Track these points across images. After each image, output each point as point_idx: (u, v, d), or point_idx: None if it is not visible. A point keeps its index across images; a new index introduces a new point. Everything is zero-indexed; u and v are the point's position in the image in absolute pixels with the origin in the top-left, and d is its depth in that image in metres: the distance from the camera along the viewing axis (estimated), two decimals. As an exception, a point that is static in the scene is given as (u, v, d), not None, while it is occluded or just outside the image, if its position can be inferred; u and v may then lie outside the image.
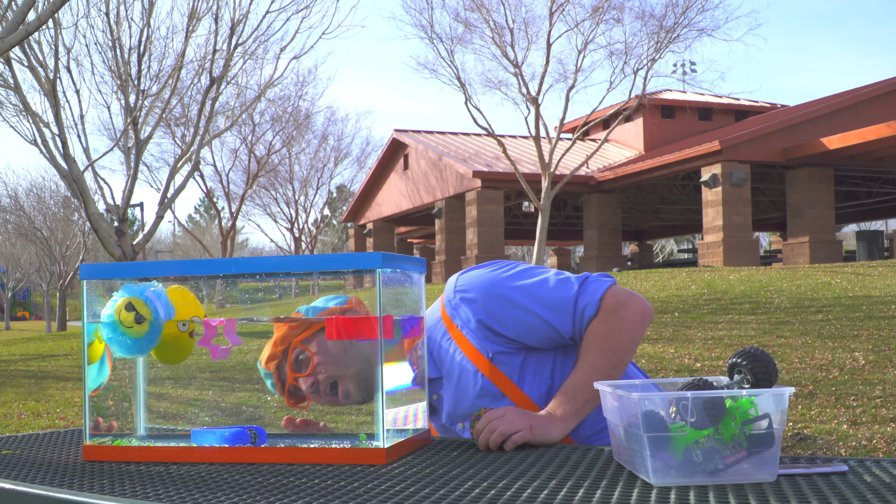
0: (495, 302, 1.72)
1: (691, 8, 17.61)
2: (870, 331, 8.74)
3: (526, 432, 1.55)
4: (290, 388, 1.69)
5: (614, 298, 1.68)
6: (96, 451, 1.52)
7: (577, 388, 1.65)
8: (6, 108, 12.46)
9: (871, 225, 39.73)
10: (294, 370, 1.68)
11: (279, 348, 1.68)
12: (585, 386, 1.64)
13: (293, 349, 1.68)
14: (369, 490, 1.19)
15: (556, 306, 1.69)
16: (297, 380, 1.68)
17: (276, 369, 1.68)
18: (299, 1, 14.00)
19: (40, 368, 12.09)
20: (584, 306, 1.68)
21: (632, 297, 1.69)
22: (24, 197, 33.90)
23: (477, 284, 1.75)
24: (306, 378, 1.67)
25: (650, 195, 26.36)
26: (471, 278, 1.77)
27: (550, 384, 1.73)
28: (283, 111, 28.94)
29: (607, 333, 1.66)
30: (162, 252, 49.98)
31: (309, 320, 1.70)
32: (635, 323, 1.67)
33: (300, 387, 1.68)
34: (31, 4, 7.70)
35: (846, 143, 17.53)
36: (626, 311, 1.67)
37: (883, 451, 4.99)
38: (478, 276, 1.77)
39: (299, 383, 1.68)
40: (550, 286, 1.72)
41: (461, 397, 1.77)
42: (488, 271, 1.78)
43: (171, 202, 13.63)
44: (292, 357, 1.68)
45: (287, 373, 1.68)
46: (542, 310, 1.70)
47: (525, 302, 1.70)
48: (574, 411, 1.64)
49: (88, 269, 1.55)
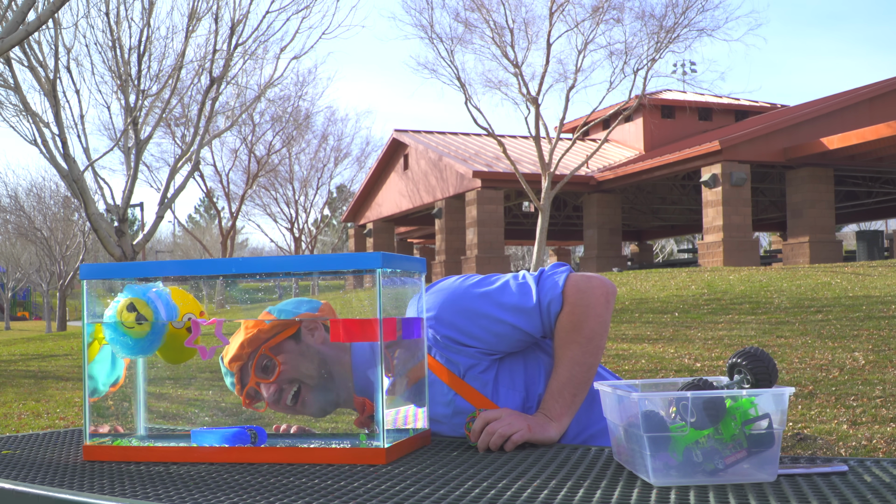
0: (460, 316, 1.70)
1: (691, 8, 17.62)
2: (870, 331, 8.74)
3: (525, 432, 1.55)
4: (250, 391, 1.68)
5: (575, 287, 1.68)
6: (96, 451, 1.52)
7: (562, 386, 1.65)
8: (6, 108, 12.47)
9: (871, 225, 39.72)
10: (258, 375, 1.66)
11: (245, 350, 1.66)
12: (570, 381, 1.65)
13: (259, 355, 1.66)
14: (369, 490, 1.19)
15: (521, 309, 1.69)
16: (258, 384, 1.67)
17: (238, 370, 1.67)
18: (299, 1, 14.00)
19: (40, 368, 12.09)
20: (548, 303, 1.68)
21: (591, 281, 1.70)
22: (24, 197, 33.91)
23: (438, 302, 1.72)
24: (268, 385, 1.66)
25: (650, 195, 26.36)
26: (431, 298, 1.74)
27: (525, 395, 1.73)
28: (283, 111, 28.94)
29: (577, 324, 1.66)
30: (162, 252, 49.97)
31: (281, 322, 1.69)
32: (601, 306, 1.68)
33: (260, 391, 1.67)
34: (31, 4, 7.70)
35: (846, 143, 17.53)
36: (589, 296, 1.68)
37: (883, 451, 4.99)
38: (437, 294, 1.74)
39: (260, 388, 1.67)
40: (512, 290, 1.71)
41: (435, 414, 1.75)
42: (446, 286, 1.76)
43: (171, 202, 13.63)
44: (258, 362, 1.66)
45: (250, 376, 1.66)
46: (508, 315, 1.69)
47: (490, 310, 1.69)
48: (565, 408, 1.65)
49: (88, 269, 1.55)
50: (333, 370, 1.71)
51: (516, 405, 1.71)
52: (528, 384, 1.74)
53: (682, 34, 17.72)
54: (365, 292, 1.55)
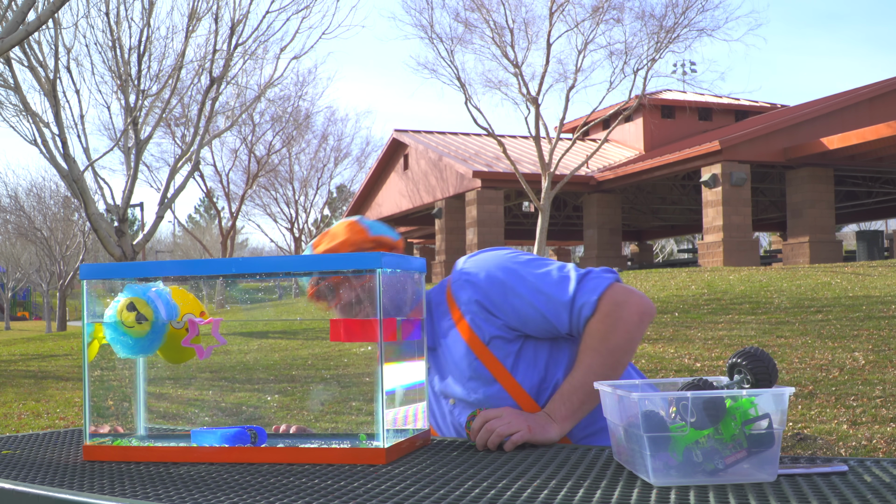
0: (496, 287, 1.73)
1: (691, 8, 17.62)
2: (870, 331, 8.74)
3: (525, 433, 1.55)
4: (329, 286, 1.74)
5: (612, 298, 1.66)
6: (96, 451, 1.52)
7: (573, 390, 1.65)
8: (6, 108, 12.47)
9: (871, 225, 39.73)
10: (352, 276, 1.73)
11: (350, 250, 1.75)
12: (582, 388, 1.64)
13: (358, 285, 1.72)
14: (369, 490, 1.19)
15: (553, 300, 1.69)
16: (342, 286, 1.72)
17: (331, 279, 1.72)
18: (299, 1, 14.01)
19: (40, 368, 12.09)
20: (581, 305, 1.67)
21: (631, 296, 1.68)
22: (24, 197, 33.91)
23: (481, 268, 1.76)
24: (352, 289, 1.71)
25: (650, 195, 26.36)
26: (476, 261, 1.79)
27: (543, 376, 1.73)
28: (283, 111, 28.94)
29: (604, 334, 1.65)
30: (162, 252, 49.96)
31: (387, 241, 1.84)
32: (633, 323, 1.66)
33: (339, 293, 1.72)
34: (31, 4, 7.70)
35: (846, 143, 17.53)
36: (624, 310, 1.66)
37: (883, 451, 4.99)
38: (483, 260, 1.78)
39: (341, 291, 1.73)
40: (552, 280, 1.71)
41: (454, 377, 1.78)
42: (494, 256, 1.79)
43: (171, 202, 13.63)
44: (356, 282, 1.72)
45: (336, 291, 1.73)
46: (540, 303, 1.70)
47: (524, 292, 1.71)
48: (570, 413, 1.64)
49: (88, 269, 1.55)
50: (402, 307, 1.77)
51: (533, 383, 1.72)
52: (548, 365, 1.74)
53: (682, 34, 17.72)
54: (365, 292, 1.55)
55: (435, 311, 1.84)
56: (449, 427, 1.85)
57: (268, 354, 10.54)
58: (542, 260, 1.78)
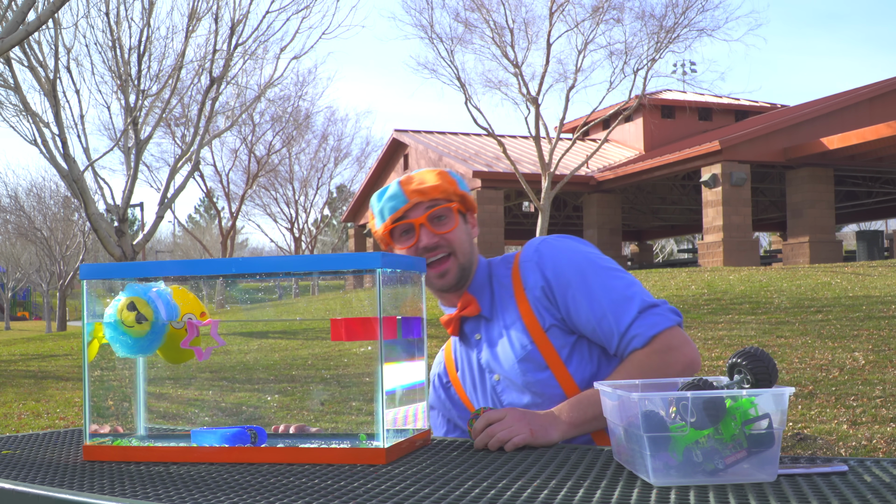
0: (562, 282, 1.75)
1: (691, 8, 17.63)
2: (870, 331, 8.74)
3: (526, 436, 1.55)
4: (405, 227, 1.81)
5: (667, 340, 1.66)
6: (96, 451, 1.52)
7: (589, 403, 1.65)
8: (6, 108, 12.47)
9: (871, 225, 39.72)
10: (431, 221, 1.81)
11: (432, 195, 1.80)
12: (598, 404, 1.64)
13: (443, 207, 1.81)
14: (369, 490, 1.19)
15: (609, 321, 1.70)
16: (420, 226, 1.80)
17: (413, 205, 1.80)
18: (299, 1, 14.01)
19: (40, 368, 12.09)
20: (633, 336, 1.68)
21: (685, 345, 1.68)
22: (24, 197, 33.92)
23: (554, 257, 1.78)
24: (430, 234, 1.80)
25: (650, 195, 26.36)
26: (552, 249, 1.80)
27: (595, 371, 1.75)
28: (283, 111, 28.95)
29: (646, 370, 1.65)
30: (162, 252, 49.97)
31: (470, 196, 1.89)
32: (677, 372, 1.65)
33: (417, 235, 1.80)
34: (31, 4, 7.70)
35: (846, 143, 17.53)
36: (673, 356, 1.66)
37: (883, 451, 4.99)
38: (558, 250, 1.79)
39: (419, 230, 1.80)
40: (616, 296, 1.71)
41: (504, 354, 1.80)
42: (570, 250, 1.80)
43: (171, 202, 13.63)
44: (438, 210, 1.81)
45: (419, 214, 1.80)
46: (595, 315, 1.71)
47: (584, 298, 1.72)
48: (580, 421, 1.64)
49: (88, 269, 1.55)
50: (473, 261, 1.86)
51: (584, 377, 1.74)
52: (601, 362, 1.76)
53: (682, 34, 17.73)
54: (365, 292, 1.55)
55: (496, 282, 1.86)
56: (488, 400, 1.86)
57: (268, 354, 10.53)
58: (614, 269, 1.77)
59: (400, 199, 1.81)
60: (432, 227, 1.81)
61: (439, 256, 1.81)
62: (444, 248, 1.81)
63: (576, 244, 1.82)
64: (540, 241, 1.83)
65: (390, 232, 1.84)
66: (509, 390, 1.80)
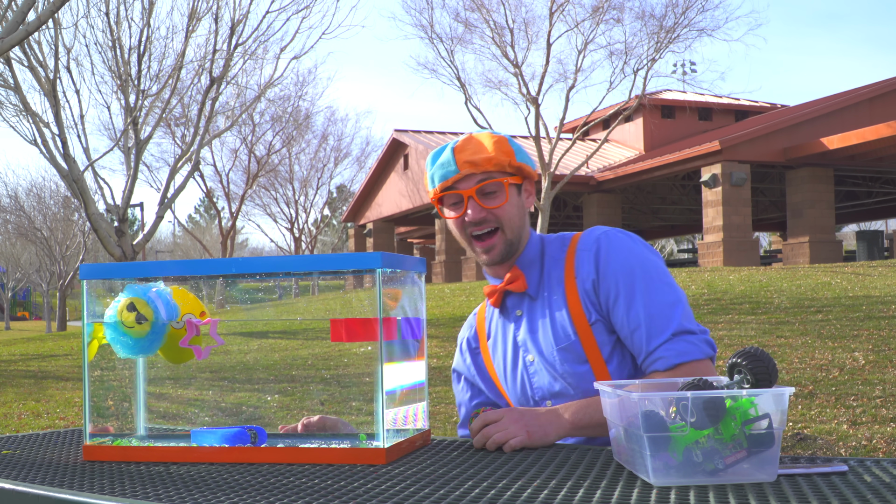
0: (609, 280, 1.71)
1: (691, 8, 17.63)
2: (870, 331, 8.74)
3: (523, 438, 1.54)
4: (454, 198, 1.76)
5: (690, 372, 1.62)
6: (96, 451, 1.52)
7: (594, 410, 1.62)
8: (6, 108, 12.47)
9: (871, 225, 39.71)
10: (479, 195, 1.74)
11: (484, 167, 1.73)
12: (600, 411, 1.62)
13: (493, 181, 1.74)
14: (369, 490, 1.19)
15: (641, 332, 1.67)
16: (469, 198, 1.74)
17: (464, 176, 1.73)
18: (299, 1, 14.01)
19: (40, 368, 12.09)
20: (658, 357, 1.65)
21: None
22: (24, 197, 33.91)
23: (611, 252, 1.74)
24: (478, 208, 1.74)
25: (650, 195, 26.35)
26: (611, 243, 1.76)
27: (632, 374, 1.73)
28: (283, 111, 28.93)
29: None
30: (162, 252, 49.96)
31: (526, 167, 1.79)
32: None
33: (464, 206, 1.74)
34: (31, 4, 7.70)
35: (846, 143, 17.52)
36: None
37: (883, 451, 4.99)
38: (617, 246, 1.75)
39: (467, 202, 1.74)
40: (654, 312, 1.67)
41: (544, 338, 1.77)
42: (630, 248, 1.75)
43: (171, 202, 13.63)
44: (488, 184, 1.74)
45: (470, 186, 1.74)
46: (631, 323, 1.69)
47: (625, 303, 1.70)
48: (584, 424, 1.63)
49: (88, 269, 1.55)
50: (522, 235, 1.81)
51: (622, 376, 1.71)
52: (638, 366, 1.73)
53: (682, 34, 17.73)
54: (365, 292, 1.55)
55: (548, 261, 1.82)
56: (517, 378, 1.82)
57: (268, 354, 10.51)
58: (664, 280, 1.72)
59: (451, 168, 1.75)
60: (481, 202, 1.75)
61: (486, 231, 1.77)
62: (492, 223, 1.76)
63: (634, 245, 1.77)
64: (602, 232, 1.79)
65: (439, 199, 1.80)
66: (542, 373, 1.78)
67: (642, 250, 1.76)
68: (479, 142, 1.77)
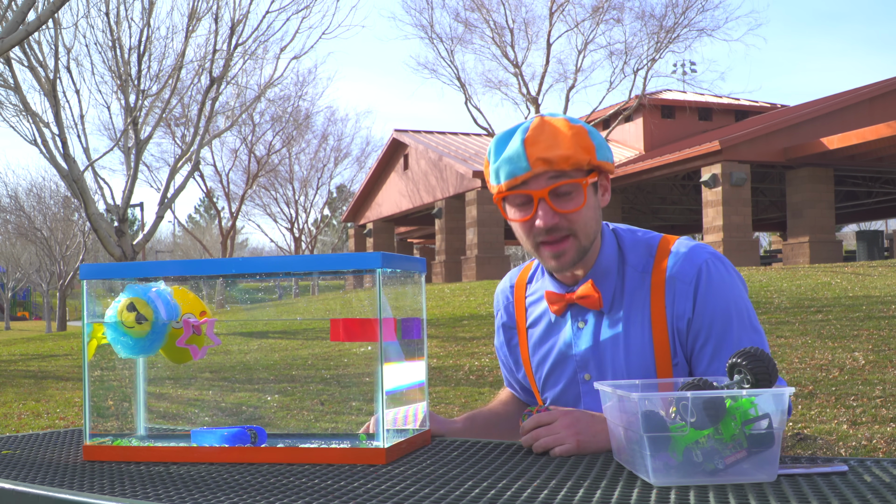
0: (705, 323, 1.56)
1: (691, 8, 17.65)
2: (870, 331, 8.74)
3: (572, 447, 1.42)
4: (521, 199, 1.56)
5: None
6: (96, 451, 1.52)
7: None
8: (6, 108, 12.48)
9: (871, 225, 39.73)
10: (552, 196, 1.54)
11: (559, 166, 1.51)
12: None
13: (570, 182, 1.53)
14: (369, 490, 1.19)
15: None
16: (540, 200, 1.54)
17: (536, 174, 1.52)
18: (299, 1, 14.02)
19: (40, 368, 12.09)
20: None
21: None
22: (24, 197, 33.94)
23: (714, 293, 1.56)
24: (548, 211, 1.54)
25: (650, 195, 26.36)
26: (715, 281, 1.57)
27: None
28: (283, 111, 28.96)
29: None
30: (162, 252, 49.97)
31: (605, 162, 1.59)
32: None
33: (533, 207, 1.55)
34: (31, 4, 7.70)
35: (846, 143, 17.53)
36: None
37: (883, 451, 4.99)
38: (720, 286, 1.57)
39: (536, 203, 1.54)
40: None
41: (615, 365, 1.61)
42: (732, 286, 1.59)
43: (171, 202, 13.64)
44: (563, 186, 1.54)
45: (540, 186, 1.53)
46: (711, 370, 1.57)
47: (712, 349, 1.56)
48: None
49: (88, 269, 1.55)
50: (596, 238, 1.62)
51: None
52: None
53: (682, 34, 17.76)
54: (365, 292, 1.55)
55: (629, 271, 1.63)
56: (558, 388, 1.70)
57: (268, 354, 10.53)
58: (756, 327, 1.59)
59: (521, 164, 1.53)
60: (554, 204, 1.54)
61: (556, 238, 1.57)
62: (564, 230, 1.57)
63: (733, 282, 1.60)
64: (703, 261, 1.57)
65: (504, 197, 1.60)
66: (596, 395, 1.59)
67: (739, 288, 1.61)
68: (553, 132, 1.54)
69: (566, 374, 1.70)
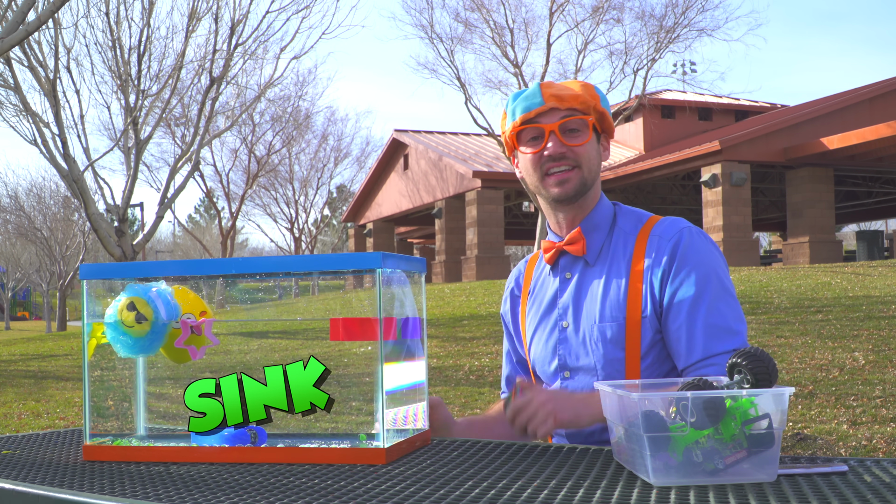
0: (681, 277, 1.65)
1: (691, 8, 17.65)
2: (870, 331, 8.74)
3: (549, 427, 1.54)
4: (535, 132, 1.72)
5: None
6: (96, 451, 1.52)
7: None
8: (6, 108, 12.48)
9: (871, 225, 39.73)
10: (562, 130, 1.70)
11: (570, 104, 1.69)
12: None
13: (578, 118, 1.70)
14: (369, 490, 1.19)
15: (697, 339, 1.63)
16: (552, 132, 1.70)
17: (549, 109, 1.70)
18: (299, 1, 14.02)
19: (40, 368, 12.09)
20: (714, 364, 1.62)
21: None
22: (24, 197, 33.95)
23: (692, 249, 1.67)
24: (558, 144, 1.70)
25: (650, 195, 26.36)
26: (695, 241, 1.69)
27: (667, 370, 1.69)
28: (283, 111, 28.95)
29: None
30: (162, 252, 49.97)
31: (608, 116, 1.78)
32: None
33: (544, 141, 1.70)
34: (31, 4, 7.70)
35: (846, 143, 17.53)
36: None
37: (883, 451, 4.99)
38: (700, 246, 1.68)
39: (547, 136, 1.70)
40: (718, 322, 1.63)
41: (588, 311, 1.71)
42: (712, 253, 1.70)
43: (171, 202, 13.63)
44: (572, 121, 1.70)
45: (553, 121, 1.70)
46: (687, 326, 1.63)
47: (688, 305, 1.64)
48: (591, 418, 1.61)
49: (88, 269, 1.55)
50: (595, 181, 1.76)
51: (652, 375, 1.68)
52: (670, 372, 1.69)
53: (682, 34, 17.75)
54: (365, 292, 1.55)
55: (617, 231, 1.76)
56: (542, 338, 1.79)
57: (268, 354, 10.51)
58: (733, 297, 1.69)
59: (536, 100, 1.70)
60: (563, 137, 1.70)
61: (563, 168, 1.71)
62: (570, 162, 1.71)
63: (716, 252, 1.71)
64: (686, 225, 1.72)
65: (518, 134, 1.74)
66: (573, 343, 1.73)
67: (721, 261, 1.71)
68: (567, 81, 1.77)
69: (550, 324, 1.79)
